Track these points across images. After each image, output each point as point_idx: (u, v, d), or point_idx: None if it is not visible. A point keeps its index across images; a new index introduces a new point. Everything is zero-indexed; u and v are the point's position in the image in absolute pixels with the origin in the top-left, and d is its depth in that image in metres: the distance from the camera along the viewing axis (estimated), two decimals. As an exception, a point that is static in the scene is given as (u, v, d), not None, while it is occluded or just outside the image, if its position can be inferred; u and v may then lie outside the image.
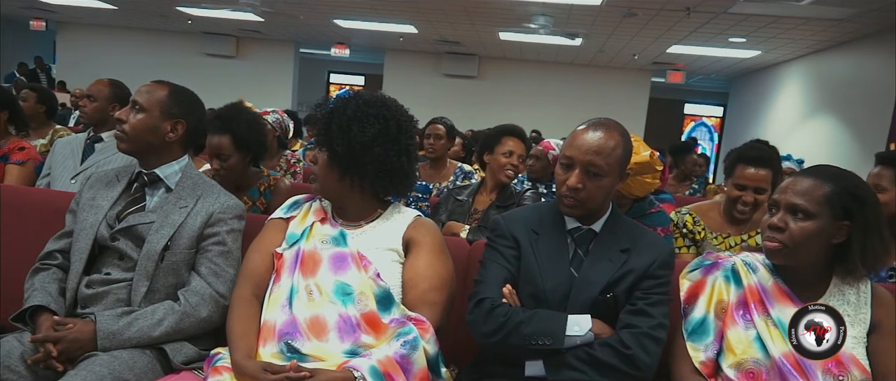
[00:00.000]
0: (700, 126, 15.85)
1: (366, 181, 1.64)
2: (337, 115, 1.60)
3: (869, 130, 7.31)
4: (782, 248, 1.46)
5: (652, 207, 2.39)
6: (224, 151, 2.33)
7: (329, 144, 1.60)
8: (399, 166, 1.65)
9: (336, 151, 1.59)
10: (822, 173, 1.49)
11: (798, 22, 7.24)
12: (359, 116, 1.59)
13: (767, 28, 7.71)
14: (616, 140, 1.56)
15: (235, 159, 2.37)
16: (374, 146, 1.59)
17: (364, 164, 1.60)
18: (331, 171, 1.62)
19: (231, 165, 2.36)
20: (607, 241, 1.60)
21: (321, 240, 1.63)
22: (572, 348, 1.48)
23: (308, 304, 1.53)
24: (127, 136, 1.72)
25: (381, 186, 1.67)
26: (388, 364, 1.40)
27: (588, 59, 11.76)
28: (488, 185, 2.77)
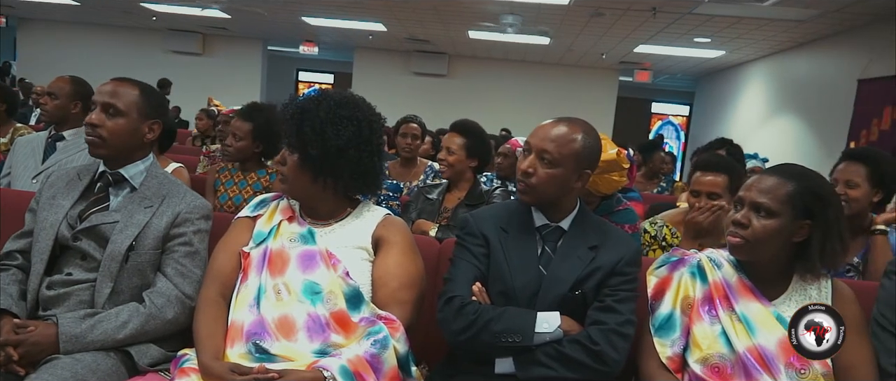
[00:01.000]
0: (667, 125, 16.08)
1: (340, 183, 1.63)
2: (309, 117, 1.57)
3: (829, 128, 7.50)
4: (744, 244, 1.50)
5: (619, 204, 2.41)
6: (239, 133, 2.80)
7: (302, 147, 1.58)
8: (371, 166, 1.64)
9: (310, 154, 1.57)
10: (786, 172, 1.51)
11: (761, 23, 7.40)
12: (332, 119, 1.56)
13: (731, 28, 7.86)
14: (576, 134, 1.58)
15: (245, 144, 2.81)
16: (349, 149, 1.58)
17: (339, 166, 1.59)
18: (303, 173, 1.60)
19: (240, 147, 2.82)
20: (575, 238, 1.62)
21: (289, 238, 1.62)
22: (542, 344, 1.49)
23: (276, 303, 1.51)
24: (106, 142, 1.66)
25: (355, 187, 1.66)
26: (359, 364, 1.39)
27: (557, 58, 11.85)
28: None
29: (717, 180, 2.22)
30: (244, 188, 2.84)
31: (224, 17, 10.03)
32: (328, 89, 1.70)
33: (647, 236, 2.39)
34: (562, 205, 1.64)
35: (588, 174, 1.63)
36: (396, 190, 2.98)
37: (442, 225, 2.57)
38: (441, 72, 12.55)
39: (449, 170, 2.76)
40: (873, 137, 6.53)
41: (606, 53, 10.64)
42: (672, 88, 15.31)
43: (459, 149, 2.74)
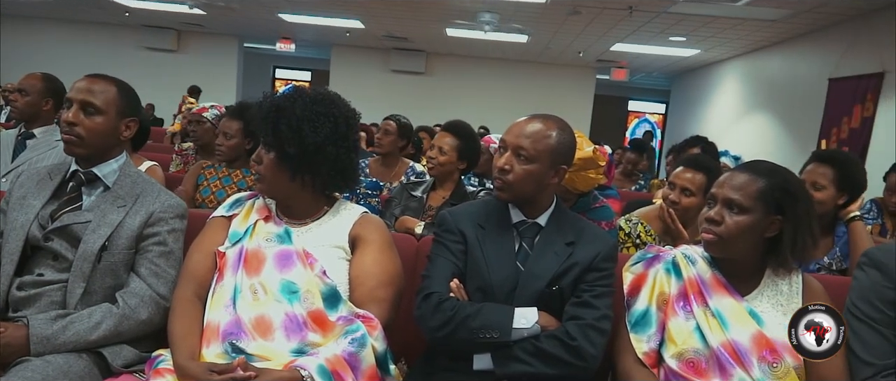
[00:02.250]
0: (643, 122, 16.24)
1: (318, 180, 1.62)
2: (285, 114, 1.55)
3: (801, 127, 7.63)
4: (718, 240, 1.52)
5: (596, 201, 2.43)
6: (230, 132, 2.79)
7: (279, 145, 1.56)
8: (349, 163, 1.63)
9: (287, 153, 1.56)
10: (757, 169, 1.54)
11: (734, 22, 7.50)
12: (309, 116, 1.55)
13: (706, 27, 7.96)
14: (550, 130, 1.59)
15: (237, 142, 2.80)
16: (327, 146, 1.57)
17: (317, 164, 1.58)
18: (280, 171, 1.59)
19: (231, 146, 2.80)
20: (552, 234, 1.63)
21: (265, 238, 1.61)
22: (519, 340, 1.50)
23: (253, 303, 1.50)
24: (84, 141, 1.63)
25: (333, 184, 1.66)
26: (336, 363, 1.39)
27: (534, 56, 11.90)
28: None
29: (695, 179, 2.30)
30: (228, 185, 2.81)
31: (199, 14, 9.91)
32: (303, 86, 1.68)
33: (622, 233, 2.41)
34: (538, 201, 1.65)
35: (564, 170, 1.64)
36: (376, 188, 2.98)
37: (428, 223, 2.57)
38: (419, 69, 12.54)
39: (437, 169, 2.75)
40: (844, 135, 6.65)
41: (584, 51, 10.71)
42: (648, 87, 15.46)
43: (451, 150, 2.74)
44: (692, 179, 2.30)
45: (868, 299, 1.54)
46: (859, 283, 1.58)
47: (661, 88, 14.99)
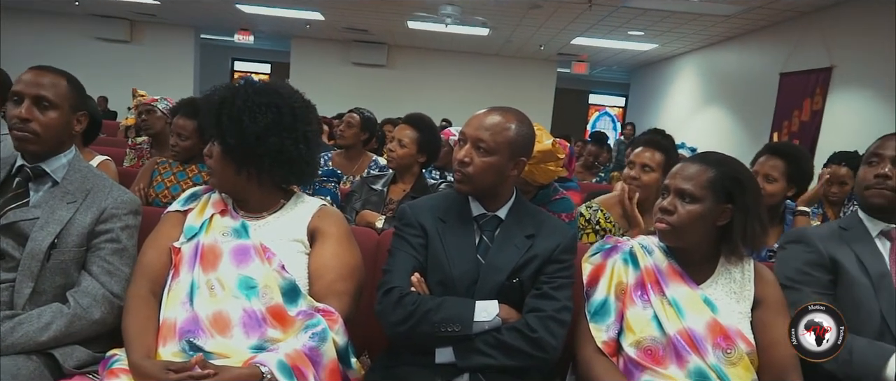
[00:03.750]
0: (604, 115, 16.46)
1: (263, 172, 1.60)
2: (226, 106, 1.54)
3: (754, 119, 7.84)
4: (671, 229, 1.57)
5: (556, 194, 2.45)
6: (185, 132, 2.70)
7: (221, 136, 1.55)
8: (297, 154, 1.61)
9: (229, 144, 1.54)
10: (707, 160, 1.59)
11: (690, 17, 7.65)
12: (249, 107, 1.54)
13: (663, 22, 8.10)
14: (509, 123, 1.60)
15: (192, 142, 2.71)
16: (268, 136, 1.55)
17: (259, 155, 1.56)
18: (226, 164, 1.58)
19: (186, 146, 2.72)
20: (512, 227, 1.64)
21: (221, 233, 1.58)
22: (481, 333, 1.50)
23: (210, 299, 1.47)
24: (40, 138, 1.58)
25: (280, 176, 1.63)
26: (297, 358, 1.37)
27: (496, 50, 11.95)
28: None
29: (654, 157, 2.38)
30: (183, 180, 2.76)
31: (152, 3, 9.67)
32: (250, 77, 1.66)
33: (583, 219, 2.46)
34: (499, 194, 1.66)
35: (523, 161, 1.65)
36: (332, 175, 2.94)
37: (389, 217, 2.55)
38: (380, 62, 12.47)
39: (396, 161, 2.74)
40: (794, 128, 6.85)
41: (544, 45, 10.79)
42: (608, 80, 15.67)
43: (411, 142, 2.73)
44: (652, 157, 2.37)
45: (794, 267, 1.72)
46: (782, 259, 1.77)
47: (620, 82, 15.21)
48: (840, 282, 1.68)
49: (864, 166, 1.75)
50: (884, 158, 1.70)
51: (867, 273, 1.65)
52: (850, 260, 1.68)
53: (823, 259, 1.70)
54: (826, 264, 1.69)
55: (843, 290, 1.67)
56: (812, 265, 1.70)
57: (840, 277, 1.68)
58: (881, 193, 1.69)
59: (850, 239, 1.72)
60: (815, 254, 1.71)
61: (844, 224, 1.78)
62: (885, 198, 1.69)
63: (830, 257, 1.69)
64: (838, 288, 1.68)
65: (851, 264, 1.67)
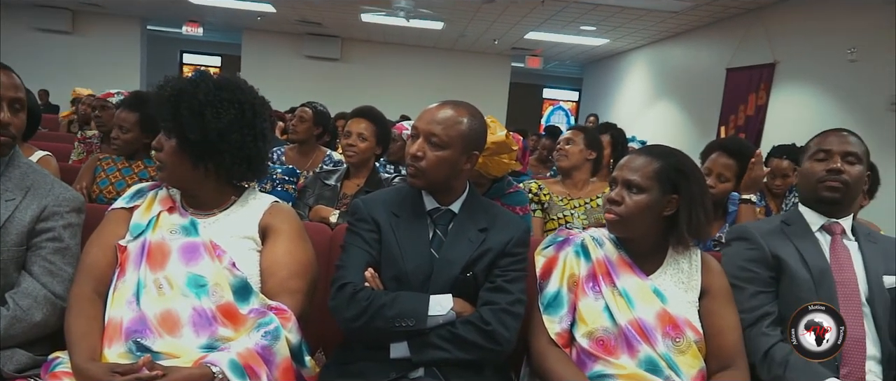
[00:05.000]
0: (558, 110, 16.65)
1: (222, 169, 1.56)
2: (186, 99, 1.49)
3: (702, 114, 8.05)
4: (619, 220, 1.60)
5: (510, 187, 2.48)
6: (126, 124, 2.64)
7: (179, 131, 1.50)
8: (256, 151, 1.58)
9: (188, 139, 1.49)
10: (653, 152, 1.64)
11: (640, 13, 7.80)
12: (212, 101, 1.49)
13: (614, 17, 8.23)
14: (461, 117, 1.61)
15: (133, 135, 2.65)
16: (231, 133, 1.51)
17: (220, 151, 1.52)
18: (182, 159, 1.52)
19: (127, 139, 2.66)
20: (466, 221, 1.65)
21: (169, 230, 1.54)
22: (435, 327, 1.50)
23: (158, 298, 1.44)
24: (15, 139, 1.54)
25: (239, 173, 1.60)
26: (249, 357, 1.35)
27: (451, 44, 11.96)
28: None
29: (575, 136, 2.83)
30: (128, 176, 2.68)
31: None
32: (206, 71, 1.61)
33: (531, 194, 2.73)
34: (452, 188, 1.66)
35: (476, 156, 1.66)
36: (292, 175, 2.90)
37: (343, 212, 2.53)
38: (334, 55, 12.35)
39: (357, 156, 2.72)
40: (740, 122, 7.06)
41: (499, 39, 10.85)
42: (562, 75, 15.85)
43: (372, 135, 2.71)
44: (574, 134, 2.83)
45: (737, 264, 1.77)
46: (728, 256, 1.81)
47: (574, 76, 15.40)
48: (782, 278, 1.72)
49: (811, 161, 1.79)
50: (833, 154, 1.75)
51: (808, 269, 1.69)
52: (792, 256, 1.72)
53: (766, 256, 1.74)
54: (768, 261, 1.74)
55: (785, 286, 1.71)
56: (755, 262, 1.74)
57: (782, 273, 1.72)
58: (834, 186, 1.73)
59: (791, 234, 1.77)
60: (758, 251, 1.75)
61: (786, 219, 1.83)
62: (839, 191, 1.74)
63: (773, 253, 1.73)
64: (780, 284, 1.72)
65: (793, 259, 1.72)
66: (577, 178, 2.82)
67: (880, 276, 1.70)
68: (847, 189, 1.74)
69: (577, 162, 2.81)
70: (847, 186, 1.74)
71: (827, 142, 1.79)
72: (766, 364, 1.61)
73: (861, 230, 1.80)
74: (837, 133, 1.80)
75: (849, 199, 1.77)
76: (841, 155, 1.75)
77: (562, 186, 2.84)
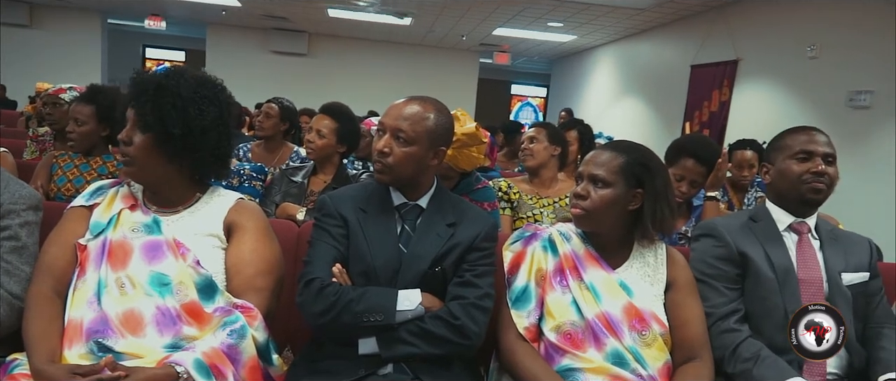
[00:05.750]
0: (526, 106, 16.73)
1: (196, 165, 1.55)
2: (168, 94, 1.47)
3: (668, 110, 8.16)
4: (585, 214, 1.62)
5: (479, 182, 2.48)
6: (82, 117, 2.58)
7: (161, 125, 1.47)
8: (228, 150, 1.58)
9: (171, 134, 1.47)
10: (618, 147, 1.66)
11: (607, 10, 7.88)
12: (195, 98, 1.49)
13: (581, 14, 8.30)
14: (428, 112, 1.61)
15: (89, 128, 2.59)
16: (211, 131, 1.51)
17: (199, 149, 1.51)
18: (156, 155, 1.49)
19: (83, 132, 2.59)
20: (434, 216, 1.65)
21: (131, 228, 1.51)
22: (404, 322, 1.50)
23: (120, 298, 1.41)
24: None
25: (212, 171, 1.59)
26: (215, 356, 1.33)
27: (418, 39, 11.92)
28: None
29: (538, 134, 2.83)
30: (87, 172, 2.61)
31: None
32: (182, 67, 1.59)
33: (500, 192, 2.75)
34: (419, 183, 1.66)
35: (443, 151, 1.66)
36: (261, 172, 2.87)
37: (310, 209, 2.51)
38: (301, 51, 12.22)
39: (315, 153, 2.70)
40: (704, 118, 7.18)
41: (466, 35, 10.86)
42: (530, 71, 15.94)
43: (330, 133, 2.70)
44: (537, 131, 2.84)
45: (705, 261, 1.77)
46: (696, 252, 1.82)
47: (542, 73, 15.49)
48: (748, 276, 1.73)
49: (793, 161, 1.77)
50: (814, 155, 1.74)
51: (773, 268, 1.71)
52: (758, 254, 1.73)
53: (732, 254, 1.75)
54: (735, 259, 1.74)
55: (750, 284, 1.73)
56: (721, 260, 1.75)
57: (748, 271, 1.73)
58: (821, 188, 1.73)
59: (758, 232, 1.78)
60: (725, 248, 1.76)
61: (754, 216, 1.84)
62: (823, 193, 1.75)
63: (739, 251, 1.74)
64: (746, 282, 1.74)
65: (759, 258, 1.73)
66: (544, 176, 2.83)
67: (840, 275, 1.73)
68: (829, 190, 1.75)
69: (544, 160, 2.81)
70: (829, 188, 1.75)
71: (804, 142, 1.77)
72: (734, 359, 1.63)
73: (824, 228, 1.81)
74: (810, 132, 1.79)
75: (826, 198, 1.78)
76: (822, 157, 1.74)
77: (530, 184, 2.85)
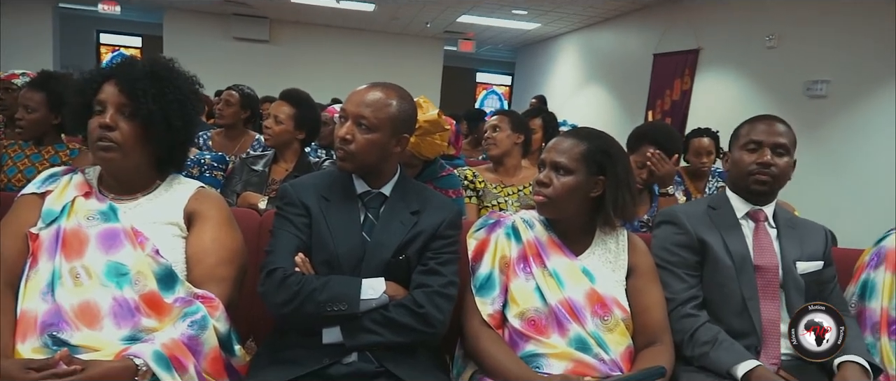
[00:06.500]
0: (491, 94, 16.75)
1: (172, 157, 1.57)
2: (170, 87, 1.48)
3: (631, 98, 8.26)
4: (548, 201, 1.63)
5: (443, 170, 2.48)
6: (32, 104, 2.52)
7: (162, 116, 1.46)
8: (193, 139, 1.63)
9: (173, 125, 1.48)
10: (579, 134, 1.67)
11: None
12: (191, 94, 1.53)
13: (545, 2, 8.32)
14: (391, 99, 1.60)
15: (40, 116, 2.53)
16: (195, 124, 1.56)
17: (184, 142, 1.56)
18: (142, 141, 1.48)
19: (33, 120, 2.53)
20: (397, 204, 1.64)
21: (86, 216, 1.46)
22: (368, 311, 1.50)
23: (75, 289, 1.37)
24: None
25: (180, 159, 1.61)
26: (175, 347, 1.31)
27: (382, 26, 11.82)
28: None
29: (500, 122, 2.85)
30: (38, 162, 2.53)
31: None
32: (162, 57, 1.57)
33: (466, 180, 2.75)
34: (382, 171, 1.65)
35: (406, 138, 1.65)
36: (222, 161, 2.82)
37: (272, 197, 2.48)
38: (263, 37, 11.99)
39: (273, 139, 2.67)
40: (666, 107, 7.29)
41: (431, 22, 10.80)
42: (495, 59, 15.94)
43: (288, 119, 2.67)
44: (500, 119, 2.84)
45: (665, 248, 1.80)
46: (657, 238, 1.85)
47: (507, 61, 15.51)
48: (707, 263, 1.77)
49: (742, 151, 1.81)
50: (763, 146, 1.77)
51: (730, 256, 1.74)
52: (716, 242, 1.76)
53: (692, 241, 1.77)
54: (694, 246, 1.77)
55: (708, 271, 1.76)
56: (681, 246, 1.78)
57: (707, 258, 1.76)
58: (764, 179, 1.76)
59: (717, 219, 1.81)
60: (685, 235, 1.78)
61: (713, 203, 1.87)
62: (768, 185, 1.77)
63: (699, 238, 1.77)
64: (705, 269, 1.77)
65: (718, 245, 1.76)
66: (508, 164, 2.84)
67: (794, 263, 1.77)
68: (775, 182, 1.78)
69: (507, 148, 2.83)
70: (775, 179, 1.77)
71: (758, 132, 1.79)
72: (692, 344, 1.67)
73: (782, 216, 1.85)
74: (768, 122, 1.81)
75: (776, 189, 1.81)
76: (770, 147, 1.76)
77: (494, 173, 2.86)
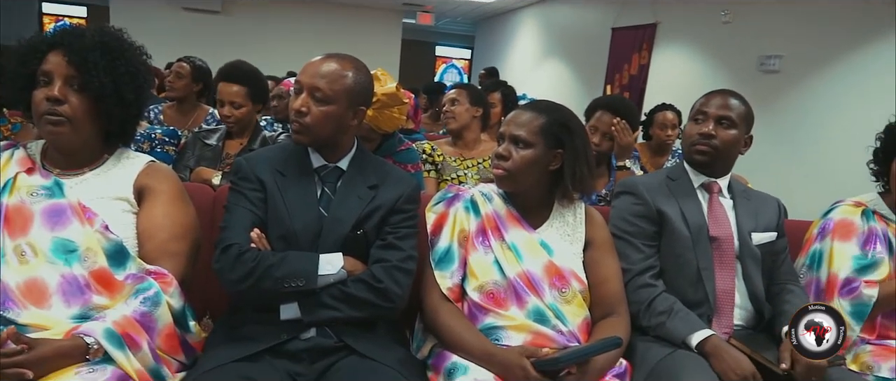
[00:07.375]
0: (451, 68, 16.67)
1: (123, 130, 1.53)
2: (122, 59, 1.44)
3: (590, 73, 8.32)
4: (507, 174, 1.64)
5: (402, 144, 2.47)
6: None
7: (113, 89, 1.42)
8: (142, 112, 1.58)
9: (122, 99, 1.43)
10: (538, 107, 1.67)
11: (530, -30, 7.87)
12: (142, 66, 1.49)
13: (505, -25, 8.28)
14: (346, 70, 1.57)
15: None
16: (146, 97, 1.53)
17: (135, 115, 1.52)
18: (93, 115, 1.43)
19: None
20: (354, 178, 1.62)
21: (29, 192, 1.41)
22: (326, 286, 1.49)
23: (20, 267, 1.32)
24: None
25: (130, 133, 1.57)
26: (127, 325, 1.28)
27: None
28: None
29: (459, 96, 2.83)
30: None
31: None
32: (110, 27, 1.51)
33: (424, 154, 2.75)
34: (339, 144, 1.63)
35: (363, 111, 1.63)
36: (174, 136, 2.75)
37: (226, 172, 2.43)
38: (215, 8, 11.63)
39: (239, 124, 2.63)
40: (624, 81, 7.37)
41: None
42: (454, 32, 15.84)
43: (244, 98, 2.63)
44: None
45: (624, 218, 1.83)
46: (615, 209, 1.88)
47: (466, 34, 15.43)
48: (664, 233, 1.80)
49: (690, 122, 1.85)
50: (708, 117, 1.80)
51: (687, 225, 1.78)
52: (674, 212, 1.79)
53: (650, 211, 1.80)
54: (653, 216, 1.80)
55: (666, 241, 1.80)
56: (640, 217, 1.81)
57: (664, 228, 1.80)
58: (703, 150, 1.80)
59: (675, 190, 1.84)
60: (643, 206, 1.81)
61: (671, 174, 1.90)
62: (708, 156, 1.80)
63: (657, 208, 1.80)
64: (662, 239, 1.80)
65: (675, 215, 1.79)
66: (467, 138, 2.85)
67: (750, 234, 1.81)
68: (716, 153, 1.79)
69: (465, 121, 2.83)
70: (716, 151, 1.79)
71: (706, 103, 1.83)
72: (648, 313, 1.71)
73: (737, 189, 1.90)
74: (722, 95, 1.83)
75: (720, 162, 1.83)
76: (715, 119, 1.79)
77: (453, 147, 2.86)
